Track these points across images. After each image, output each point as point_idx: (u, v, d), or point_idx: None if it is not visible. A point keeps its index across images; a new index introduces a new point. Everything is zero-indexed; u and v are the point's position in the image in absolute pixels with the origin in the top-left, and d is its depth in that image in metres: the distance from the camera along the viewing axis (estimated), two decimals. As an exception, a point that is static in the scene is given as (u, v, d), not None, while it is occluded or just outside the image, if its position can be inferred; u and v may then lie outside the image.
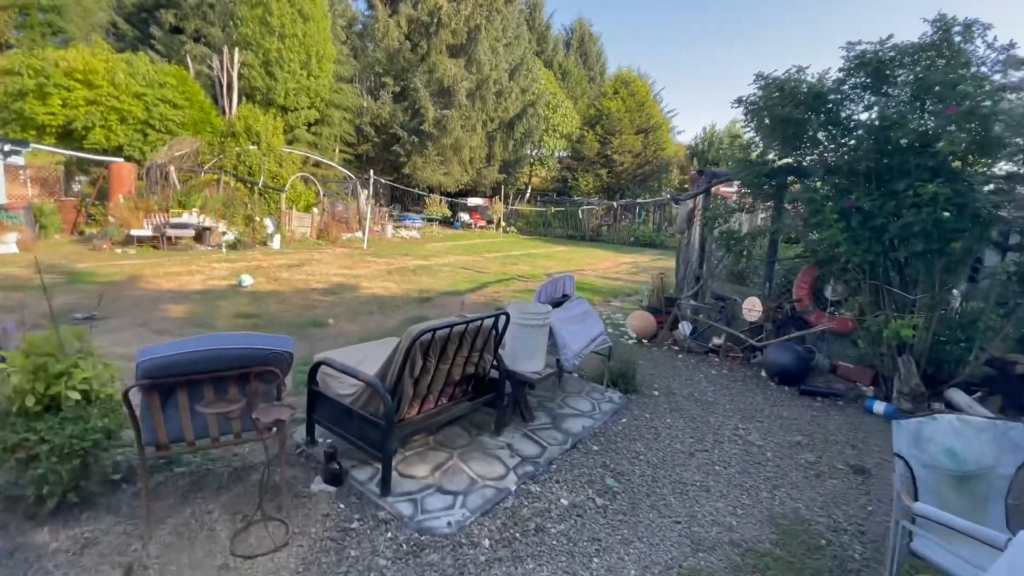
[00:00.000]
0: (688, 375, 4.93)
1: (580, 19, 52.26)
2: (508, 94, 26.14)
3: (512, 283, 9.64)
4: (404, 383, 2.51)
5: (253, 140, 14.52)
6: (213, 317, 5.67)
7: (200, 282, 7.52)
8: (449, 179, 25.14)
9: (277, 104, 21.31)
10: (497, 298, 7.98)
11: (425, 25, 24.71)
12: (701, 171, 5.49)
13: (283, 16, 20.92)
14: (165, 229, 10.39)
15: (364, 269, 9.95)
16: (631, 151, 26.63)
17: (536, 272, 11.32)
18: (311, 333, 5.41)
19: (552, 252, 16.42)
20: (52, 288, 6.52)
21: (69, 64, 15.94)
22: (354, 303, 6.88)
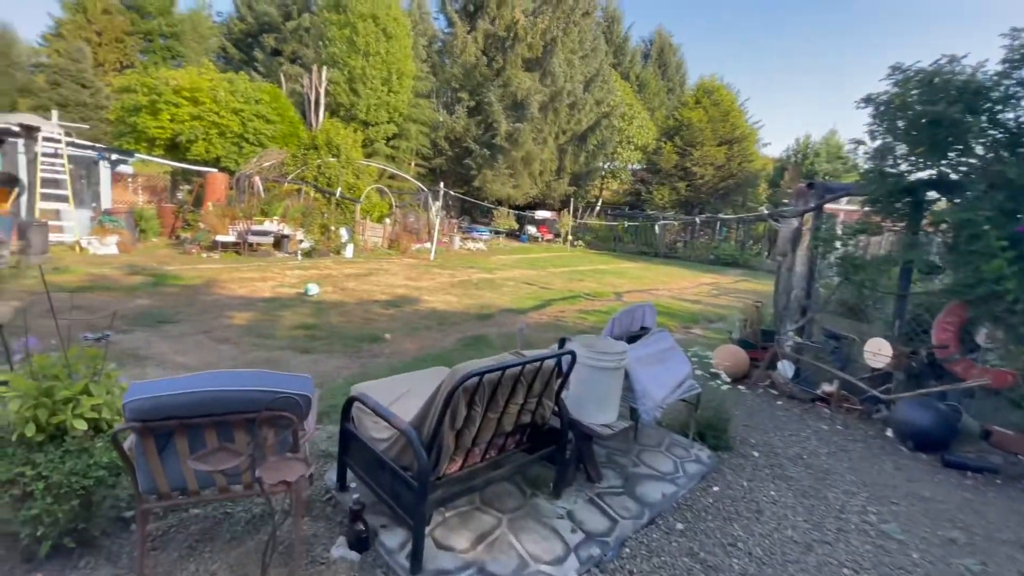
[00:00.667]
0: (792, 429, 4.08)
1: (660, 30, 50.87)
2: (582, 106, 25.66)
3: (578, 302, 9.02)
4: (444, 435, 2.04)
5: (333, 152, 15.10)
6: (273, 328, 5.58)
7: (270, 289, 7.62)
8: (518, 192, 24.97)
9: (359, 119, 22.25)
10: (561, 318, 7.41)
11: (501, 40, 24.91)
12: (811, 184, 4.64)
13: (368, 36, 21.88)
14: (247, 236, 10.87)
15: (428, 281, 9.77)
16: (713, 163, 25.07)
17: (603, 290, 10.61)
18: (366, 349, 5.15)
19: (622, 269, 15.56)
20: (138, 289, 6.82)
21: (178, 83, 17.46)
22: (413, 317, 6.61)
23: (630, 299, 9.85)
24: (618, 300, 9.61)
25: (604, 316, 7.69)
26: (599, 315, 7.80)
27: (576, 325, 6.98)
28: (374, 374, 4.35)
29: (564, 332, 6.39)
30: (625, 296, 10.22)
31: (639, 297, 10.19)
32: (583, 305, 8.75)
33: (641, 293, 10.78)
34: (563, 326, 6.87)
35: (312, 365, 4.54)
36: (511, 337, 5.97)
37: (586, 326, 6.99)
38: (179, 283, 7.59)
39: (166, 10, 45.51)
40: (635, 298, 10.02)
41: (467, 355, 5.11)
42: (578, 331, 6.58)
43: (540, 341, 5.78)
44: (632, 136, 31.15)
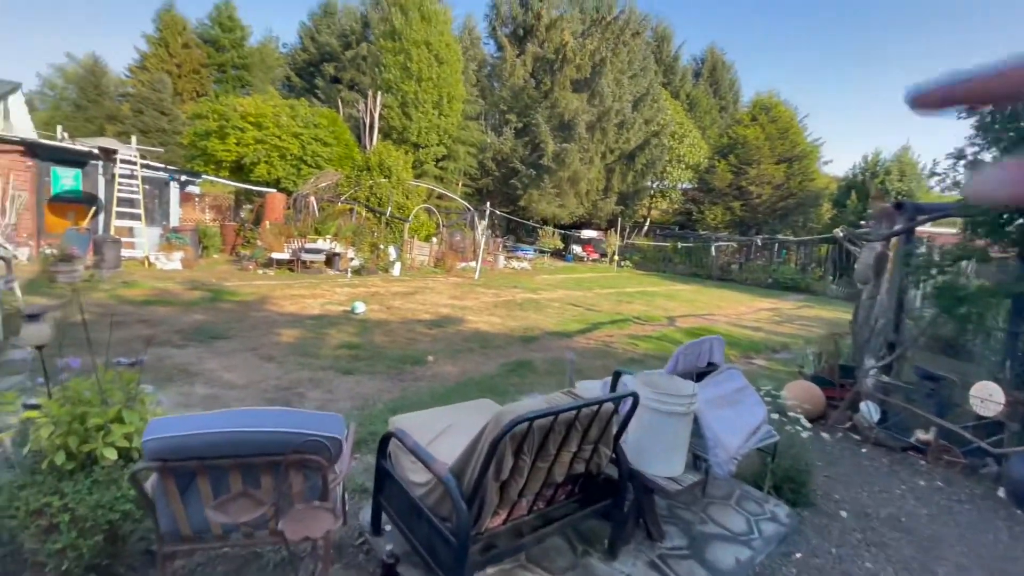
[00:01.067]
0: (883, 483, 3.55)
1: (712, 47, 50.06)
2: (630, 125, 25.33)
3: (627, 326, 8.61)
4: (487, 487, 1.80)
5: (385, 173, 15.51)
6: (319, 346, 5.56)
7: (319, 306, 7.71)
8: (563, 211, 24.79)
9: (410, 141, 22.90)
10: (610, 344, 7.04)
11: (550, 62, 25.11)
12: (899, 204, 4.14)
13: (421, 62, 22.59)
14: (300, 254, 11.20)
15: (472, 301, 9.66)
16: (771, 182, 23.97)
17: (654, 314, 10.12)
18: (408, 371, 5.01)
19: (673, 291, 14.93)
20: (196, 304, 7.05)
21: (244, 109, 18.54)
22: (456, 339, 6.45)
23: (684, 324, 9.33)
24: (671, 325, 9.12)
25: (657, 343, 7.26)
26: (652, 342, 7.37)
27: (627, 352, 6.60)
28: (414, 399, 4.19)
29: (614, 359, 6.04)
30: (678, 321, 9.70)
31: (693, 323, 9.64)
32: (633, 330, 8.33)
33: (695, 318, 10.22)
34: (613, 353, 6.51)
35: (354, 387, 4.43)
36: (556, 363, 5.69)
37: (638, 353, 6.59)
38: (234, 299, 7.82)
39: (238, 44, 49.17)
40: (689, 323, 9.49)
41: (510, 381, 4.87)
42: (629, 359, 6.21)
43: (589, 369, 5.46)
44: (683, 155, 30.42)
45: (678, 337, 7.91)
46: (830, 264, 19.69)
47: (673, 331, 8.48)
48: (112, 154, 9.09)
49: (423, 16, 22.90)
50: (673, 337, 7.87)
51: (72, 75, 52.32)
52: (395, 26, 22.80)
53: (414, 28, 22.56)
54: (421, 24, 22.72)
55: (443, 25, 23.46)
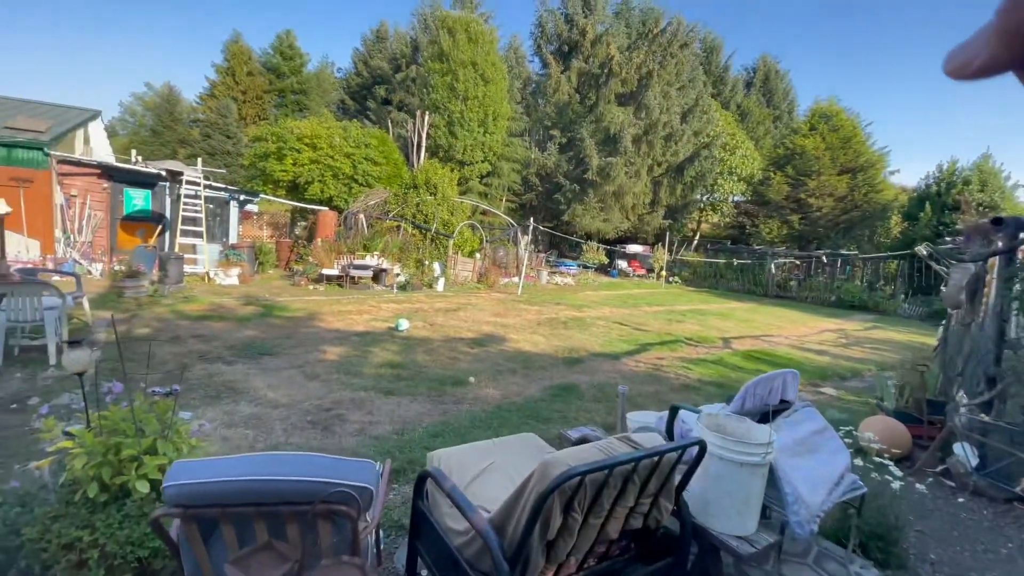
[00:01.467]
0: (987, 541, 3.05)
1: (764, 56, 48.59)
2: (679, 137, 24.72)
3: (679, 347, 8.17)
4: (532, 547, 1.59)
5: (431, 191, 15.76)
6: (362, 365, 5.54)
7: (364, 323, 7.77)
8: (608, 226, 24.38)
9: (456, 159, 23.29)
10: (660, 367, 6.67)
11: (595, 77, 24.99)
12: (999, 220, 3.64)
13: (467, 81, 23.03)
14: (349, 270, 11.46)
15: (515, 318, 9.50)
16: (832, 194, 22.66)
17: (708, 335, 9.59)
18: (449, 393, 4.88)
19: (727, 310, 14.21)
20: (249, 319, 7.24)
21: (300, 131, 19.41)
22: (498, 359, 6.29)
23: (740, 346, 8.78)
24: (726, 348, 8.59)
25: (713, 368, 6.81)
26: (707, 366, 6.93)
27: (679, 378, 6.22)
28: (455, 425, 4.04)
29: (666, 386, 5.69)
30: (734, 343, 9.14)
31: (751, 345, 9.06)
32: (685, 352, 7.89)
33: (752, 340, 9.61)
34: (664, 378, 6.14)
35: (395, 409, 4.33)
36: (603, 387, 5.41)
37: (692, 379, 6.19)
38: (285, 314, 8.02)
39: (297, 70, 52.11)
40: (746, 346, 8.92)
41: (554, 408, 4.64)
42: (683, 386, 5.82)
43: (639, 397, 5.15)
44: (735, 167, 29.35)
45: (735, 362, 7.41)
46: (901, 281, 18.25)
47: (729, 354, 7.97)
48: (178, 176, 9.68)
49: (470, 37, 23.40)
50: (730, 362, 7.39)
51: (150, 103, 57.04)
52: (443, 48, 23.40)
53: (461, 49, 23.07)
54: (468, 45, 23.21)
55: (489, 45, 23.86)
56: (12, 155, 8.93)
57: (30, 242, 9.26)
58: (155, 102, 54.12)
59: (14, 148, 8.92)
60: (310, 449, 3.42)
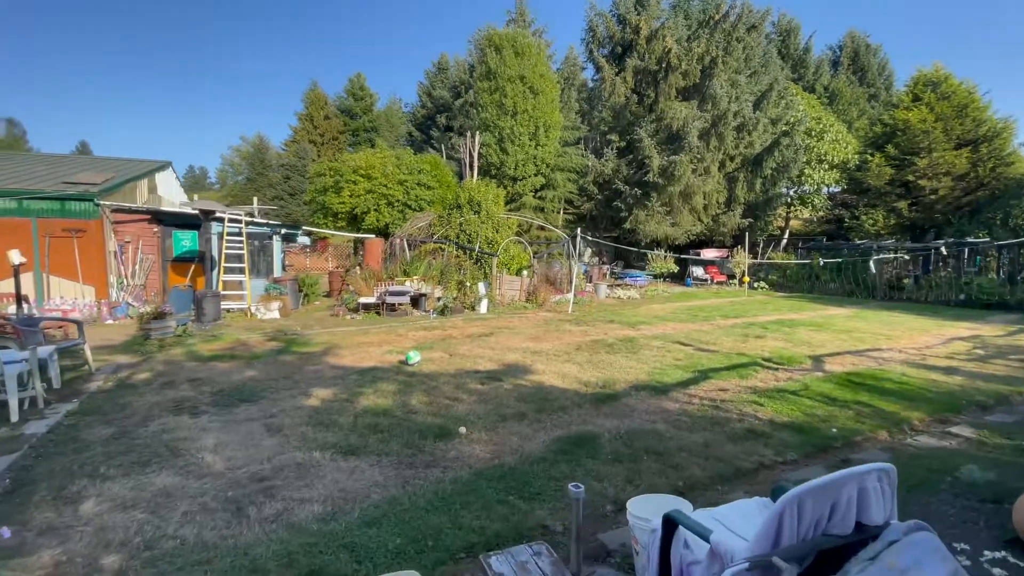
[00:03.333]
0: None
1: (852, 32, 43.92)
2: (752, 127, 22.23)
3: (752, 373, 6.55)
4: None
5: (475, 209, 15.15)
6: (342, 412, 4.74)
7: (378, 356, 7.06)
8: (677, 230, 22.33)
9: (508, 176, 22.71)
10: (721, 404, 5.20)
11: (652, 74, 23.36)
12: None
13: (516, 96, 22.48)
14: (384, 297, 10.99)
15: (553, 342, 8.34)
16: (949, 172, 19.02)
17: (793, 352, 7.77)
18: (427, 451, 3.90)
19: (823, 318, 11.93)
20: (261, 357, 6.79)
21: (356, 163, 19.82)
22: (509, 398, 5.21)
23: (836, 367, 6.93)
24: (816, 370, 6.81)
25: (793, 403, 5.22)
26: (784, 399, 5.34)
27: (743, 419, 4.74)
28: (406, 505, 3.04)
29: (722, 433, 4.28)
30: (828, 362, 7.28)
31: (851, 364, 7.15)
32: (760, 379, 6.28)
33: (854, 357, 7.64)
34: (722, 419, 4.70)
35: (344, 479, 3.43)
36: (632, 438, 4.13)
37: (760, 420, 4.69)
38: (302, 349, 7.54)
39: (368, 110, 55.30)
40: (844, 365, 7.04)
41: (554, 473, 3.49)
42: (747, 431, 4.36)
43: (680, 452, 3.82)
44: (824, 153, 25.96)
45: (826, 390, 5.70)
46: (1059, 270, 14.56)
47: (819, 380, 6.23)
48: (209, 215, 9.81)
49: (517, 52, 22.92)
50: (819, 390, 5.70)
51: (245, 153, 63.24)
52: (490, 67, 23.14)
53: (508, 65, 22.63)
54: (515, 60, 22.73)
55: (536, 57, 23.22)
56: (65, 207, 9.50)
57: (85, 288, 9.75)
58: (248, 152, 60.09)
59: (67, 201, 9.49)
60: (191, 549, 2.59)
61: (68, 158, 14.27)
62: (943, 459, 3.81)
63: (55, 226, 9.44)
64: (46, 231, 9.39)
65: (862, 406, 5.15)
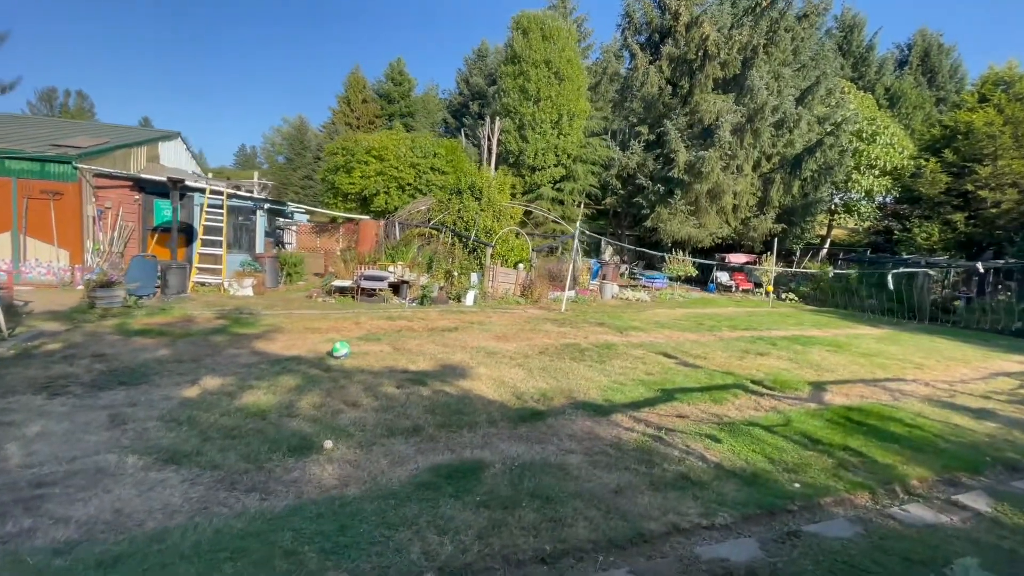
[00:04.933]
0: None
1: (923, 29, 40.50)
2: (793, 124, 20.46)
3: (732, 396, 5.54)
4: None
5: (476, 195, 14.38)
6: (212, 408, 4.11)
7: (311, 345, 6.43)
8: (702, 232, 20.88)
9: (526, 165, 21.81)
10: (670, 433, 4.26)
11: (689, 63, 21.85)
12: None
13: (540, 81, 21.50)
14: (360, 281, 10.41)
15: (518, 343, 7.50)
16: (1016, 183, 16.87)
17: (793, 375, 6.66)
18: (264, 468, 3.20)
19: (848, 338, 10.57)
20: (193, 335, 6.30)
21: (369, 144, 19.35)
22: (417, 407, 4.44)
23: (836, 398, 5.81)
24: (811, 400, 5.73)
25: (762, 441, 4.22)
26: (753, 438, 4.35)
27: (686, 459, 3.81)
28: (170, 546, 2.32)
29: (646, 478, 3.39)
30: (832, 390, 6.17)
31: (857, 396, 6.02)
32: (736, 406, 5.28)
33: (864, 387, 6.48)
34: (660, 455, 3.79)
35: (135, 496, 2.76)
36: (530, 473, 3.29)
37: (707, 462, 3.75)
38: (241, 330, 7.02)
39: (405, 95, 55.22)
40: (847, 397, 5.91)
41: (388, 519, 2.70)
42: (679, 477, 3.40)
43: (573, 503, 2.96)
44: (876, 158, 23.76)
45: (811, 429, 4.66)
46: None
47: (809, 413, 5.18)
48: (178, 183, 9.44)
49: (545, 35, 21.91)
50: (801, 427, 4.66)
51: (286, 134, 64.58)
52: (515, 50, 22.23)
53: (534, 48, 21.67)
54: (541, 43, 21.73)
55: (564, 41, 22.14)
56: (45, 169, 9.33)
57: (60, 251, 9.59)
58: (289, 133, 61.33)
59: (46, 163, 9.31)
60: None
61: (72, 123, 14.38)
62: (933, 544, 2.81)
63: (34, 187, 9.30)
64: (25, 192, 9.24)
65: (850, 453, 4.12)
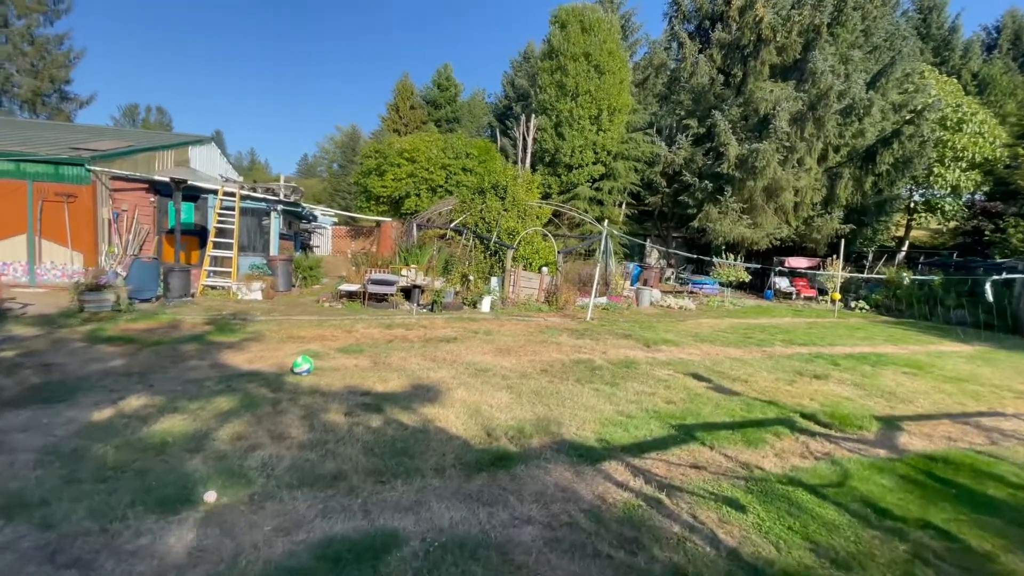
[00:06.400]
0: None
1: (1012, 11, 36.41)
2: (864, 111, 18.21)
3: (771, 439, 4.33)
4: None
5: (500, 194, 13.54)
6: (107, 438, 3.46)
7: (280, 358, 5.77)
8: (757, 232, 18.98)
9: (563, 163, 20.77)
10: (665, 504, 3.18)
11: (741, 49, 20.06)
12: None
13: (578, 75, 20.45)
14: (368, 286, 9.80)
15: (520, 358, 6.54)
16: None
17: (859, 409, 5.30)
18: (115, 530, 2.45)
19: (930, 356, 8.82)
20: (163, 343, 5.82)
21: (401, 146, 19.00)
22: (351, 446, 3.59)
23: (915, 442, 4.45)
24: (880, 443, 4.41)
25: (806, 516, 3.05)
26: (793, 505, 3.19)
27: (688, 540, 2.73)
28: None
29: (630, 572, 2.35)
30: (906, 429, 4.80)
31: (944, 435, 4.62)
32: (777, 450, 4.08)
33: (954, 424, 5.03)
34: (650, 534, 2.74)
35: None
36: (448, 559, 2.36)
37: (720, 551, 2.66)
38: (220, 339, 6.50)
39: (452, 100, 55.51)
40: (933, 438, 4.52)
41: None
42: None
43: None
44: (963, 148, 20.89)
45: (878, 488, 3.42)
46: None
47: (874, 465, 3.90)
48: (180, 184, 9.20)
49: (584, 28, 20.83)
50: (865, 486, 3.43)
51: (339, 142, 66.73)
52: (552, 45, 21.30)
53: (572, 42, 20.63)
54: (580, 36, 20.67)
55: (605, 33, 20.94)
56: (59, 171, 9.37)
57: (75, 254, 9.60)
58: (342, 141, 63.34)
59: (60, 165, 9.35)
60: None
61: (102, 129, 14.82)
62: None
63: (49, 190, 9.36)
64: (40, 195, 9.31)
65: (932, 534, 2.89)
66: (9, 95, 34.22)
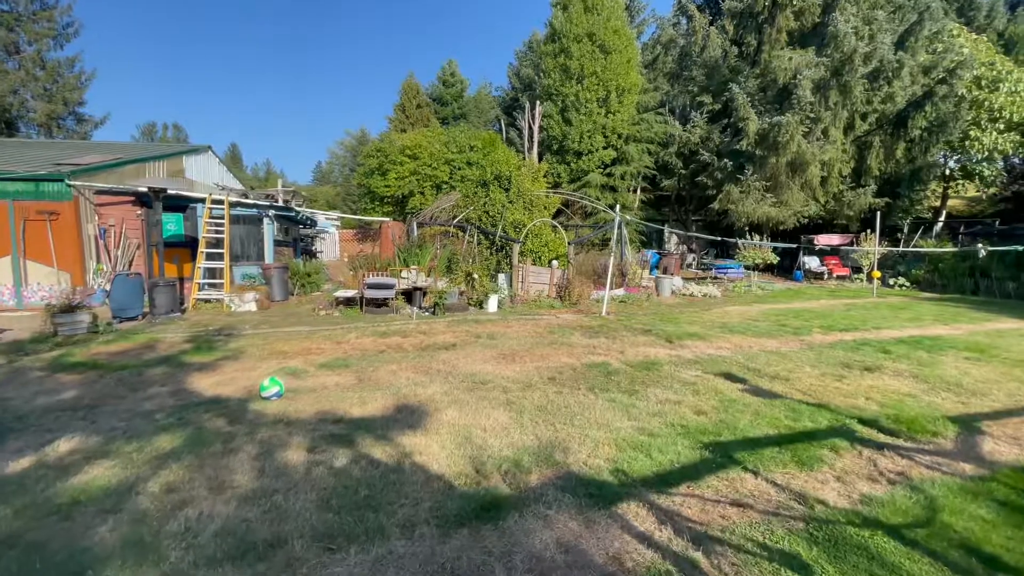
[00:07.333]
0: None
1: (1048, -46, 33.71)
2: (893, 73, 16.87)
3: (828, 456, 3.52)
4: None
5: (504, 186, 12.79)
6: (8, 502, 2.84)
7: (256, 377, 5.14)
8: (783, 211, 17.83)
9: (571, 150, 19.90)
10: (702, 566, 2.42)
11: (755, 16, 18.85)
12: None
13: (583, 57, 19.52)
14: (363, 291, 9.18)
15: (527, 364, 5.80)
16: None
17: (927, 408, 4.42)
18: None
19: (991, 336, 7.78)
20: (128, 368, 5.26)
21: (402, 143, 18.36)
22: (304, 496, 2.92)
23: (1005, 446, 3.58)
24: (965, 456, 3.56)
25: (889, 573, 2.27)
26: (869, 560, 2.40)
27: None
28: None
29: None
30: (987, 431, 3.93)
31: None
32: (837, 471, 3.28)
33: (1050, 427, 4.13)
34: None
35: None
36: None
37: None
38: (195, 359, 5.93)
39: (458, 96, 54.79)
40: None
41: None
42: None
43: None
44: (1000, 108, 19.27)
45: (976, 523, 2.59)
46: None
47: (962, 487, 3.07)
48: (160, 193, 8.68)
49: (587, 7, 19.87)
50: (960, 522, 2.62)
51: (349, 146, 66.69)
52: (555, 27, 20.40)
53: (575, 23, 19.69)
54: (583, 16, 19.71)
55: (609, 11, 19.93)
56: (40, 189, 8.98)
57: (62, 274, 9.21)
58: (351, 145, 63.27)
59: (40, 182, 8.94)
60: None
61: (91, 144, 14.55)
62: None
63: (30, 209, 8.97)
64: (22, 214, 8.93)
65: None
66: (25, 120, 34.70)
